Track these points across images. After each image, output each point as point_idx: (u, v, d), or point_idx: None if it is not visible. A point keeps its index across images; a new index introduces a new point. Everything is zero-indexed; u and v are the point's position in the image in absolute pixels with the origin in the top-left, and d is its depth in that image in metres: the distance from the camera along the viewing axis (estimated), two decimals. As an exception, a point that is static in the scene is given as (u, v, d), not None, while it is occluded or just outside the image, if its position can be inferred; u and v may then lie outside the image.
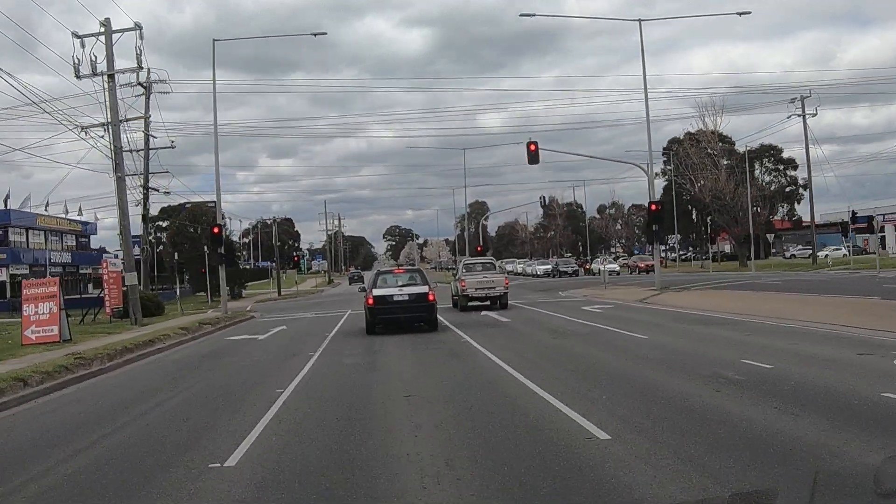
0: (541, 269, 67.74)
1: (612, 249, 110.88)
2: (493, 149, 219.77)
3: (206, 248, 51.73)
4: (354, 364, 13.46)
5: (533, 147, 32.82)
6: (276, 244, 63.70)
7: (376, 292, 20.45)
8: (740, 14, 33.70)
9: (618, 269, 66.26)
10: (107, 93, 28.31)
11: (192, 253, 53.44)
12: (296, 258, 64.36)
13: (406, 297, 20.25)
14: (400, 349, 15.42)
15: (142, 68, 28.97)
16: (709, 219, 67.48)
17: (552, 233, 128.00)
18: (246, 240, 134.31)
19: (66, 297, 22.39)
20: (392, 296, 20.30)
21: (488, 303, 26.69)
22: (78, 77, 28.73)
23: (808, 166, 64.66)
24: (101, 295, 32.80)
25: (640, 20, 32.83)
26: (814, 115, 65.97)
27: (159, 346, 19.06)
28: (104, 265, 33.00)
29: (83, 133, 29.41)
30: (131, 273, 28.31)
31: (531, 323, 20.69)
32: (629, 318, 20.28)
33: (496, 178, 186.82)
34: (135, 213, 38.13)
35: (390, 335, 18.80)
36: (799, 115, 65.24)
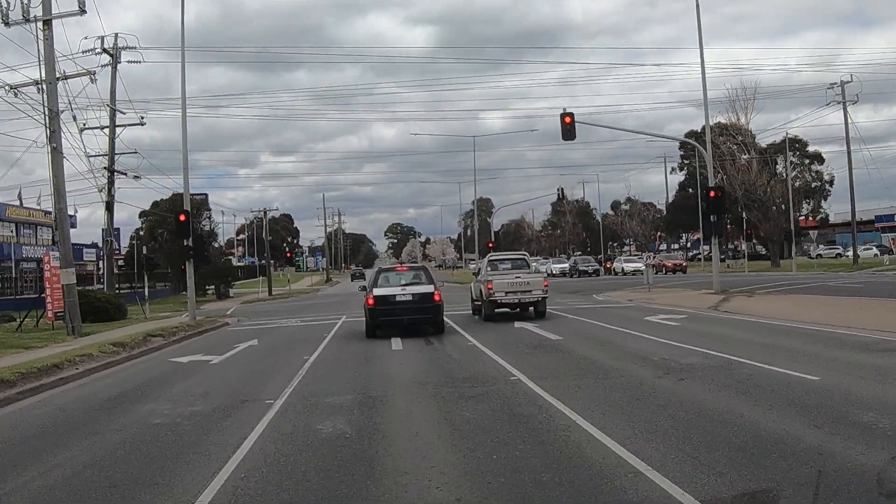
0: (557, 267, 61.66)
1: (625, 248, 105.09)
2: (495, 148, 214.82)
3: (186, 241, 45.96)
4: (335, 435, 7.54)
5: (568, 119, 26.99)
6: (267, 238, 57.72)
7: (377, 292, 18.53)
8: None
9: (643, 268, 60.24)
10: (41, 42, 22.52)
11: (174, 247, 47.64)
12: (288, 254, 58.32)
13: (409, 298, 18.40)
14: (417, 398, 9.52)
15: (84, 11, 23.09)
16: (744, 214, 61.46)
17: (560, 230, 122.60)
18: (241, 236, 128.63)
19: (17, 297, 16.64)
20: (394, 296, 18.46)
21: (517, 310, 20.93)
22: (6, 24, 23.00)
23: (849, 158, 58.79)
24: (42, 296, 27.04)
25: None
26: (855, 101, 60.40)
27: (63, 375, 13.23)
28: (45, 259, 27.18)
29: (12, 94, 23.66)
30: (68, 270, 22.48)
31: (596, 344, 14.82)
32: (736, 339, 14.42)
33: (498, 177, 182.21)
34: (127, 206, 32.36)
35: (400, 366, 13.11)
36: (838, 103, 59.64)
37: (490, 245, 54.11)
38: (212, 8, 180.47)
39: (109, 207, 35.99)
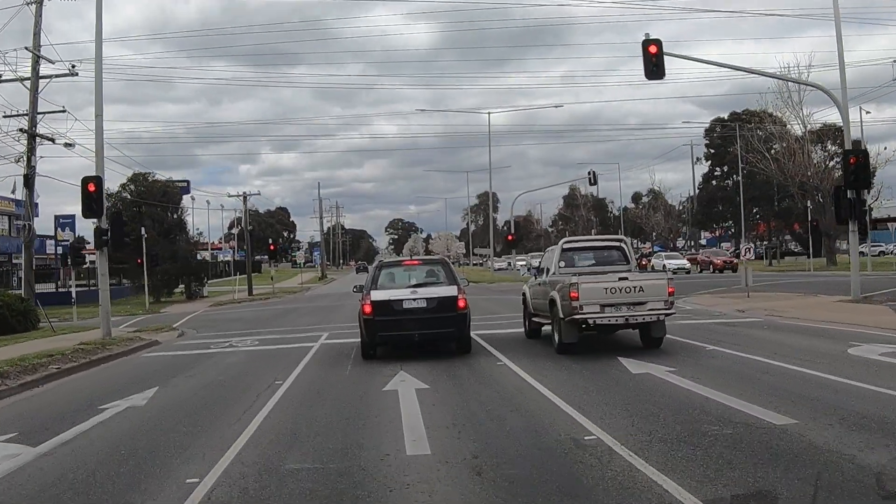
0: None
1: (646, 243, 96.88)
2: (497, 146, 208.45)
3: (143, 229, 37.64)
4: None
5: (654, 49, 18.66)
6: (248, 228, 49.18)
7: (377, 296, 12.96)
8: None
9: (687, 266, 51.96)
10: None
11: (133, 235, 39.27)
12: (272, 246, 49.89)
13: (423, 304, 12.82)
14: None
15: None
16: (809, 207, 52.98)
17: (572, 224, 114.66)
18: (233, 231, 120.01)
19: None
20: (402, 301, 12.88)
21: (613, 331, 12.65)
22: None
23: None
24: None
25: None
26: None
27: None
28: None
29: None
30: None
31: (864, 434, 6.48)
32: None
33: (498, 175, 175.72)
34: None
35: (411, 430, 5.25)
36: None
37: (510, 238, 45.55)
38: (214, 2, 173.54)
39: (28, 182, 27.63)
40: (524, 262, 62.79)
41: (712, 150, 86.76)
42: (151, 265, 37.27)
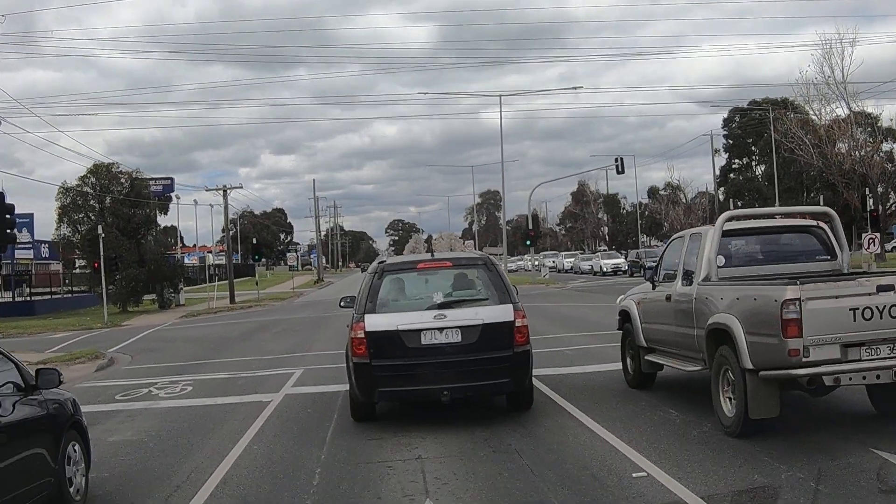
0: (608, 263, 47.36)
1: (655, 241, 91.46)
2: (496, 144, 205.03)
3: (99, 228, 31.83)
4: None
5: None
6: (228, 229, 43.29)
7: (376, 322, 7.67)
8: None
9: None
10: None
11: (89, 236, 33.59)
12: (255, 244, 44.16)
13: (457, 338, 7.57)
14: None
15: None
16: (868, 196, 47.09)
17: (581, 222, 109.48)
18: (230, 232, 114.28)
19: None
20: (419, 332, 7.58)
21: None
22: None
23: None
24: None
25: None
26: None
27: None
28: None
29: None
30: None
31: None
32: None
33: (496, 174, 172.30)
34: None
35: None
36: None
37: (531, 234, 39.72)
38: (211, 4, 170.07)
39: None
40: (552, 263, 56.58)
41: (731, 142, 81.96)
42: (110, 269, 31.51)
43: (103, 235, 31.32)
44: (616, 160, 41.09)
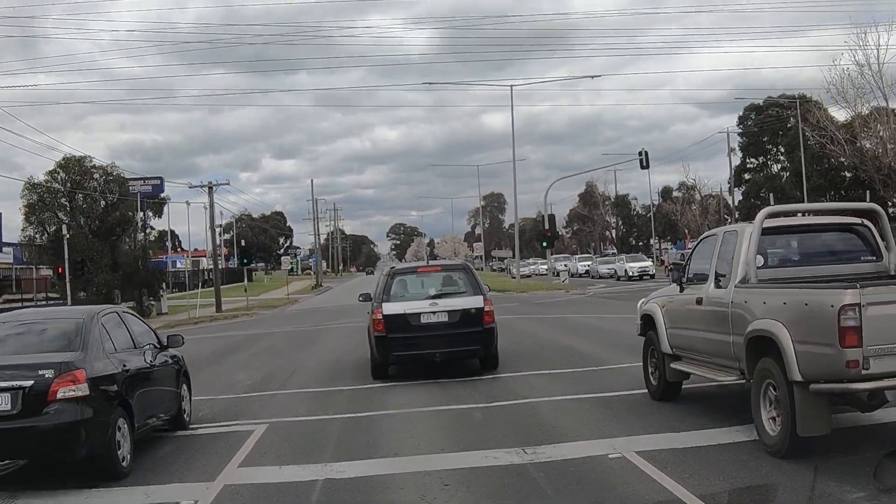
0: (634, 267, 43.76)
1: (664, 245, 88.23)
2: (498, 149, 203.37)
3: (64, 228, 28.23)
4: None
5: None
6: (213, 228, 39.54)
7: (390, 308, 11.68)
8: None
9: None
10: None
11: (54, 237, 30.01)
12: (242, 246, 40.47)
13: (445, 318, 11.68)
14: None
15: None
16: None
17: (590, 224, 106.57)
18: (227, 236, 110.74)
19: None
20: (419, 315, 11.66)
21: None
22: None
23: None
24: None
25: None
26: None
27: None
28: None
29: None
30: None
31: None
32: None
33: (499, 178, 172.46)
34: None
35: None
36: None
37: (547, 234, 36.05)
38: (212, 10, 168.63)
39: None
40: (564, 266, 52.24)
41: (746, 139, 79.05)
42: (75, 274, 27.91)
43: (68, 236, 27.76)
44: (640, 153, 37.56)
